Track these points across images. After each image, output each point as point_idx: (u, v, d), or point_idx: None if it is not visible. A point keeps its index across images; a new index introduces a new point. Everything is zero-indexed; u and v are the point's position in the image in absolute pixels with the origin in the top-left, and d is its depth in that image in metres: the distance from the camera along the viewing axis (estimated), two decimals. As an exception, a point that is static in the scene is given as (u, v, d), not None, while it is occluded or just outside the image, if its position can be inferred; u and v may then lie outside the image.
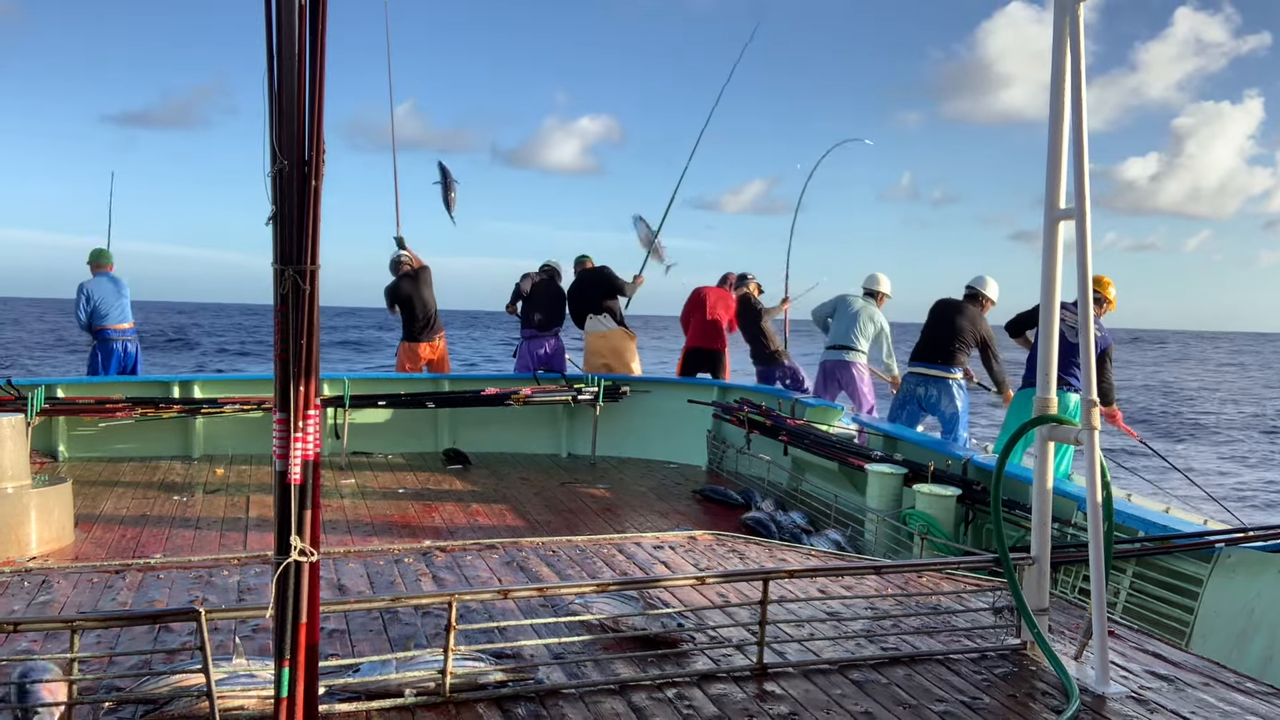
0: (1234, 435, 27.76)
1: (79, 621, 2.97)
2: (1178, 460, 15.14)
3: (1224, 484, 18.44)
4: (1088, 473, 3.53)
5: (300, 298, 2.36)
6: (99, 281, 10.46)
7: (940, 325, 8.91)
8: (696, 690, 3.48)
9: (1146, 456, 12.32)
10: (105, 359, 10.37)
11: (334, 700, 3.23)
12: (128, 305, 10.59)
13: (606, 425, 9.75)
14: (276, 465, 2.44)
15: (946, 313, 8.94)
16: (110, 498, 7.64)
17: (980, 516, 6.29)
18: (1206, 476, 18.06)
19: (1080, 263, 3.47)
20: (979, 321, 8.88)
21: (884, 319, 9.88)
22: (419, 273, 10.85)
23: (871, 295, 9.99)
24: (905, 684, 3.60)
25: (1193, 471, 16.41)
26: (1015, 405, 8.34)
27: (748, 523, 7.09)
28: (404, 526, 6.96)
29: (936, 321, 8.97)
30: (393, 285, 10.84)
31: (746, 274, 11.13)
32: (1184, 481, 10.58)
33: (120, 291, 10.53)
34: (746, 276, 11.07)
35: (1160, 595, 5.07)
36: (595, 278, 10.79)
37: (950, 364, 8.77)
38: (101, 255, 10.64)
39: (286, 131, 2.31)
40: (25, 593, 4.41)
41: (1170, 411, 33.83)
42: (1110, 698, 3.49)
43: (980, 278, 9.18)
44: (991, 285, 9.09)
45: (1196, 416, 32.51)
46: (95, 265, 10.59)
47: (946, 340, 8.80)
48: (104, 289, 10.42)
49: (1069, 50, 3.49)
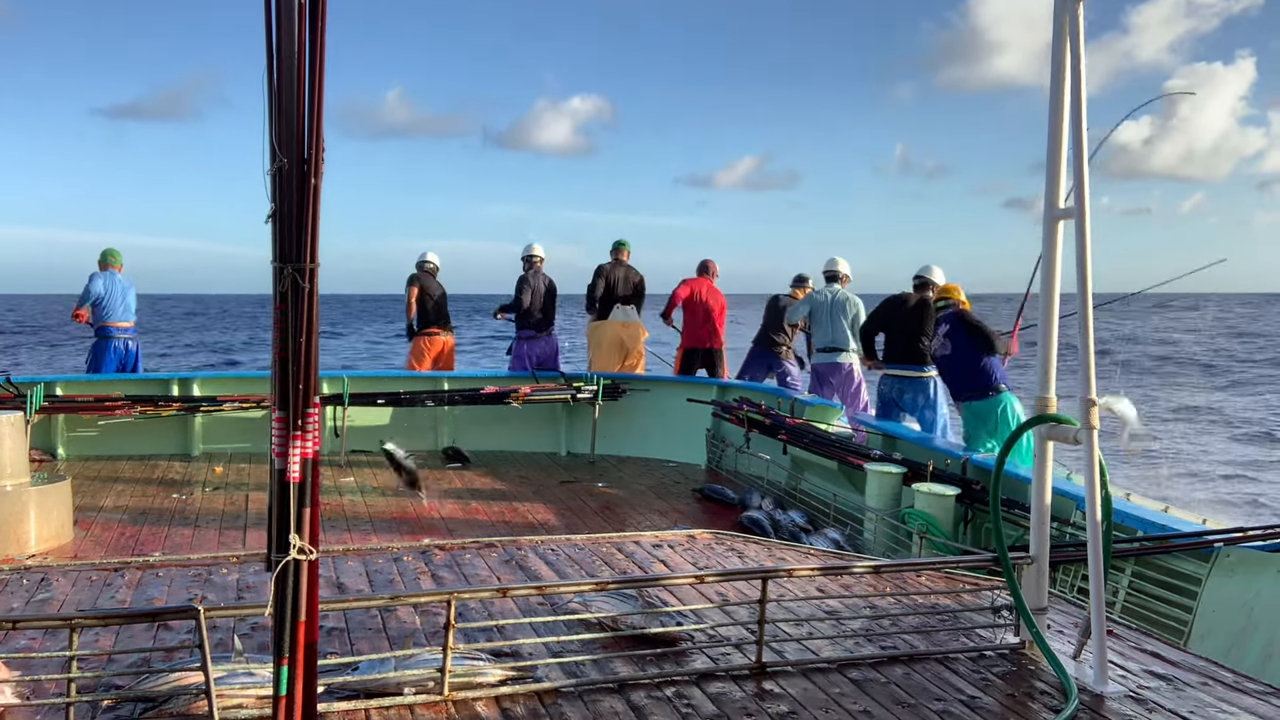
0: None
1: (78, 619, 2.97)
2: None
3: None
4: (1086, 472, 3.53)
5: (299, 296, 2.36)
6: (109, 276, 10.51)
7: (903, 324, 8.87)
8: (695, 689, 3.48)
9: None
10: (106, 355, 10.39)
11: (333, 699, 3.24)
12: (132, 305, 10.64)
13: (606, 424, 9.75)
14: (275, 463, 2.44)
15: (904, 311, 8.90)
16: (109, 496, 7.64)
17: (979, 516, 6.29)
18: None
19: (1080, 262, 3.47)
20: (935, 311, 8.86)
21: (858, 300, 9.88)
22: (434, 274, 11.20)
23: (834, 278, 10.00)
24: (904, 683, 3.60)
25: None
26: (1014, 406, 8.33)
27: (746, 522, 7.10)
28: (403, 525, 6.96)
29: (897, 322, 8.92)
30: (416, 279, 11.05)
31: (804, 276, 11.06)
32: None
33: (126, 291, 10.58)
34: (804, 279, 11.00)
35: (1159, 595, 5.07)
36: (639, 282, 10.95)
37: (923, 363, 8.75)
38: (112, 255, 10.70)
39: (286, 129, 2.31)
40: (24, 590, 4.41)
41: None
42: (1109, 697, 3.50)
43: (927, 266, 9.19)
44: (938, 273, 9.10)
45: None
46: (105, 264, 10.63)
47: (913, 338, 8.78)
48: (113, 285, 10.47)
49: (1068, 49, 3.49)
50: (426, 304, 10.98)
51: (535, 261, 10.95)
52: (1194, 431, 21.41)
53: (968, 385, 7.70)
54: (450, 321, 11.20)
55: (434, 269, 11.18)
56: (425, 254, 11.22)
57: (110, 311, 10.41)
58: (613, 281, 10.84)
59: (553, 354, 10.91)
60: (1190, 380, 32.55)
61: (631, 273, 10.97)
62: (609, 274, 10.86)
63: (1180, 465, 17.24)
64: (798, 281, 10.93)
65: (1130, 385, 29.75)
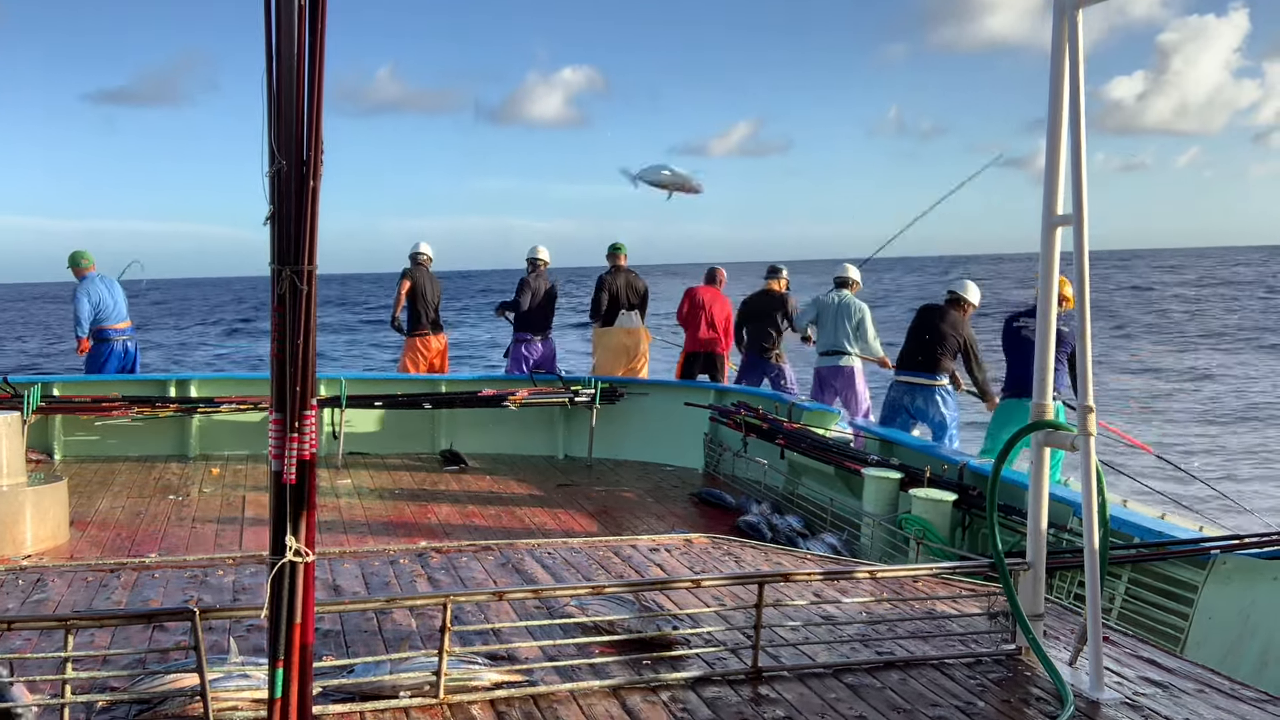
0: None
1: (73, 620, 2.97)
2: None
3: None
4: (1083, 478, 3.53)
5: (297, 298, 2.36)
6: (93, 282, 10.28)
7: (923, 332, 8.88)
8: (691, 693, 3.48)
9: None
10: (106, 358, 10.28)
11: (328, 701, 3.23)
12: (124, 304, 10.51)
13: (603, 427, 9.74)
14: (272, 465, 2.44)
15: (929, 319, 8.92)
16: (106, 496, 7.63)
17: (976, 521, 6.29)
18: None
19: (1078, 268, 3.47)
20: (961, 326, 8.86)
21: (864, 305, 9.88)
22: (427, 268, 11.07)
23: (844, 284, 10.01)
24: (900, 688, 3.60)
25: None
26: (999, 414, 8.33)
27: (743, 526, 7.09)
28: (400, 527, 6.96)
29: (919, 328, 8.94)
30: (410, 273, 10.97)
31: (779, 267, 10.99)
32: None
33: (114, 291, 10.44)
34: (779, 271, 10.92)
35: (1155, 601, 5.07)
36: (643, 290, 10.97)
37: (935, 371, 8.75)
38: (83, 257, 10.38)
39: (285, 132, 2.31)
40: (20, 591, 4.40)
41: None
42: (1104, 704, 3.50)
43: (961, 281, 9.19)
44: (972, 289, 9.10)
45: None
46: (80, 269, 10.32)
47: (930, 347, 8.79)
48: (101, 290, 10.28)
49: (1067, 55, 3.50)
50: (419, 303, 10.87)
51: (539, 265, 10.97)
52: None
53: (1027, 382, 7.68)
54: (441, 322, 11.12)
55: (427, 260, 11.05)
56: (418, 245, 11.08)
57: (108, 315, 10.26)
58: (615, 290, 10.86)
59: (550, 357, 10.92)
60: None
61: (634, 278, 10.98)
62: (611, 283, 10.88)
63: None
64: (771, 273, 10.86)
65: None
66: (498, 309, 11.30)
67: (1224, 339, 33.37)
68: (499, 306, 11.26)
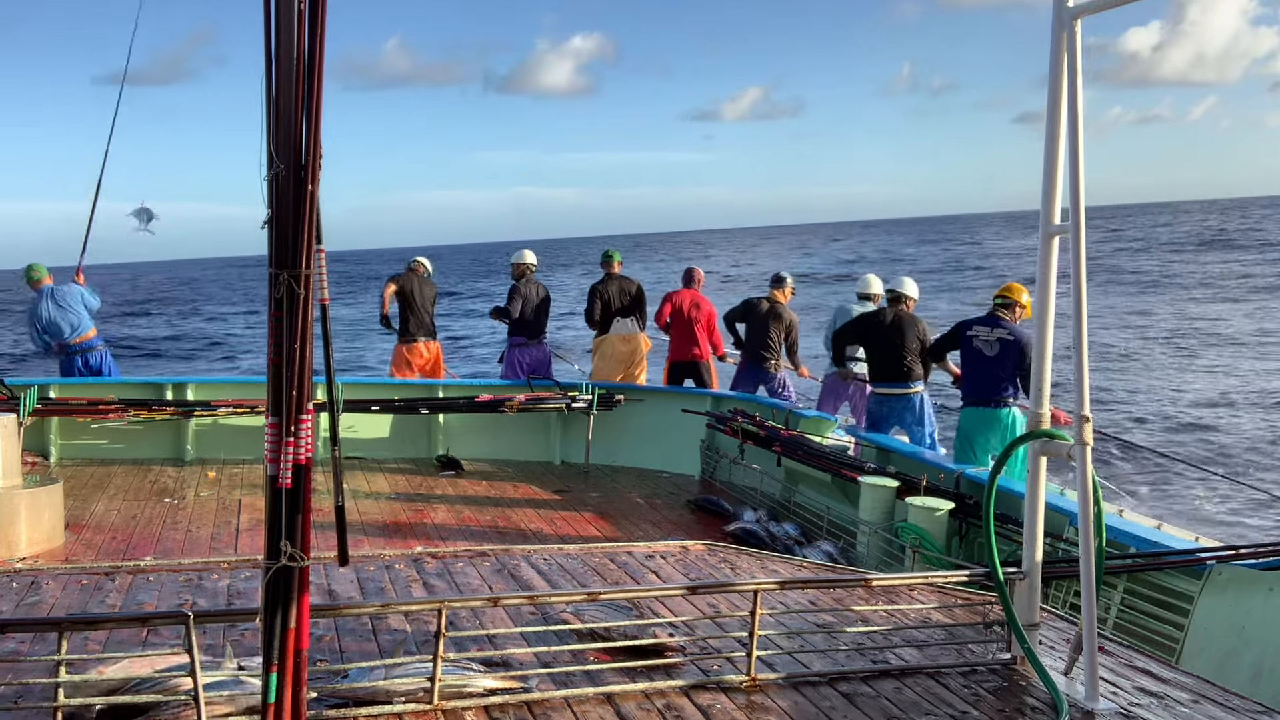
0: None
1: (67, 623, 2.96)
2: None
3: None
4: (1079, 488, 3.53)
5: (295, 302, 2.36)
6: (43, 299, 9.88)
7: (884, 341, 8.79)
8: (686, 701, 3.47)
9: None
10: (68, 374, 9.94)
11: (322, 706, 3.22)
12: (83, 315, 9.98)
13: (600, 433, 9.73)
14: (268, 469, 2.44)
15: (882, 328, 8.79)
16: (101, 499, 7.62)
17: (972, 530, 6.29)
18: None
19: (1075, 278, 3.48)
20: (914, 325, 8.81)
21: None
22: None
23: (866, 298, 9.99)
24: (895, 697, 3.60)
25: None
26: (960, 422, 8.26)
27: (740, 533, 7.08)
28: (395, 532, 6.95)
29: (878, 339, 8.82)
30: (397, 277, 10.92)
31: (784, 276, 10.90)
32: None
33: (63, 304, 9.88)
34: (784, 280, 10.82)
35: (1151, 612, 5.07)
36: (635, 293, 10.91)
37: (908, 379, 8.70)
38: (36, 269, 10.08)
39: (283, 135, 2.31)
40: (14, 593, 4.39)
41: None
42: (1099, 714, 3.49)
43: (899, 279, 9.14)
44: (910, 284, 9.07)
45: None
46: (35, 283, 9.99)
47: (896, 356, 8.72)
48: (46, 309, 9.83)
49: (1065, 65, 3.51)
50: (408, 309, 10.76)
51: (527, 270, 10.95)
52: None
53: (992, 393, 7.69)
54: (435, 327, 11.00)
55: (421, 268, 10.97)
56: (415, 259, 11.13)
57: (58, 332, 9.87)
58: (608, 299, 10.82)
59: (545, 362, 10.89)
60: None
61: (626, 284, 10.94)
62: (603, 292, 10.83)
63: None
64: (776, 282, 10.79)
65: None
66: (492, 313, 11.28)
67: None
68: (493, 311, 11.25)
